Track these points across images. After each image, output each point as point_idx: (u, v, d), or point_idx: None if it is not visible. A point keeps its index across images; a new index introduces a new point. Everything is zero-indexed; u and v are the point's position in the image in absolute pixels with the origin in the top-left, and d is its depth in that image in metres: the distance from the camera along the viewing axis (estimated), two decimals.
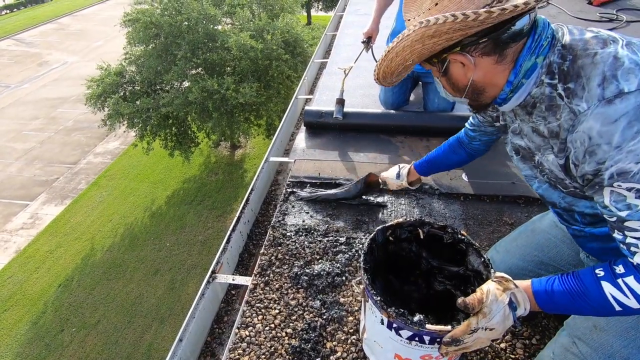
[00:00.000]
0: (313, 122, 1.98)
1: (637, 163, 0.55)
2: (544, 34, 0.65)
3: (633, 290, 0.60)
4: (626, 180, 0.57)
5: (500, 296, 0.69)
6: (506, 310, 0.68)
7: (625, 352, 0.75)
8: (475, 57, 0.68)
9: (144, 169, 11.07)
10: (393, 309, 0.76)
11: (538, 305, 0.69)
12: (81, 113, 12.76)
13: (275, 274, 1.28)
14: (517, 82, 0.69)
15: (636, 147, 0.54)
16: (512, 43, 0.66)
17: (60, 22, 21.05)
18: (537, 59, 0.65)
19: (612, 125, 0.56)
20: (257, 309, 1.17)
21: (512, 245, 1.09)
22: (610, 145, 0.56)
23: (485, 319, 0.68)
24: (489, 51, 0.67)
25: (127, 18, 8.65)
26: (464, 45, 0.67)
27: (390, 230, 0.97)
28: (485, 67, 0.69)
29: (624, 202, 0.59)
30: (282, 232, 1.44)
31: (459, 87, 0.75)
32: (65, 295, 7.71)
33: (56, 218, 9.34)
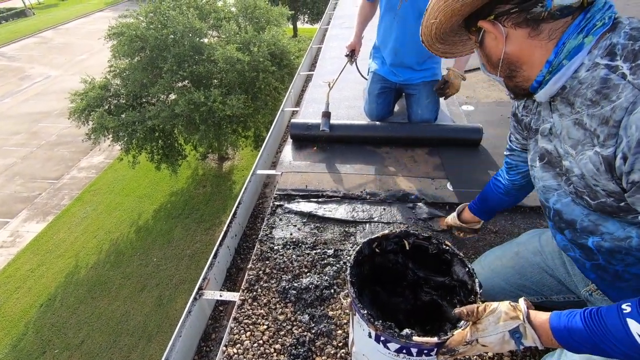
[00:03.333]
0: (299, 134, 2.00)
1: None
2: (600, 15, 0.59)
3: None
4: None
5: (503, 321, 0.66)
6: (506, 336, 0.66)
7: None
8: (507, 28, 0.65)
9: (129, 183, 10.89)
10: (380, 322, 0.77)
11: (559, 343, 0.62)
12: (64, 127, 12.54)
13: (263, 288, 1.27)
14: (557, 63, 0.63)
15: None
16: (549, 19, 0.61)
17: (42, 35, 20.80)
18: (586, 39, 0.59)
19: None
20: (245, 325, 1.16)
21: (496, 264, 1.09)
22: None
23: (478, 333, 0.68)
24: (521, 22, 0.63)
25: (111, 32, 8.61)
26: (497, 15, 0.65)
27: (376, 242, 0.98)
28: (519, 41, 0.65)
29: None
30: (270, 245, 1.44)
31: (493, 61, 0.71)
32: (48, 315, 7.44)
33: (38, 235, 9.07)
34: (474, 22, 0.70)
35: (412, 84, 2.04)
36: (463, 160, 1.86)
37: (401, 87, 2.09)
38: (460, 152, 1.92)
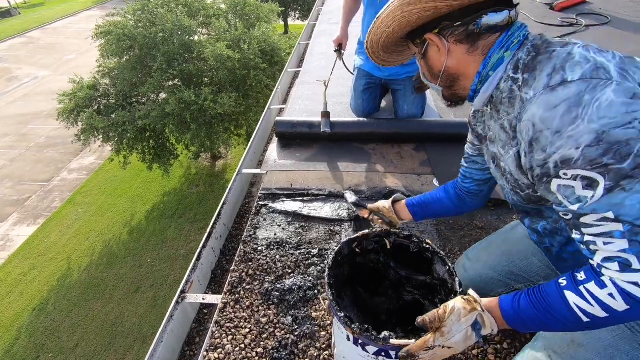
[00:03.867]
0: (285, 132, 1.97)
1: (577, 148, 0.54)
2: (517, 33, 0.68)
3: (596, 297, 0.56)
4: (570, 167, 0.56)
5: (464, 317, 0.67)
6: (469, 331, 0.66)
7: None
8: (449, 43, 0.72)
9: (121, 184, 10.78)
10: (357, 325, 0.75)
11: (508, 324, 0.66)
12: (54, 129, 12.36)
13: (246, 291, 1.24)
14: (485, 74, 0.71)
15: (575, 132, 0.54)
16: (484, 35, 0.69)
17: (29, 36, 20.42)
18: (505, 53, 0.68)
19: (553, 110, 0.57)
20: (226, 329, 1.13)
21: (483, 254, 1.09)
22: (551, 131, 0.57)
23: (443, 338, 0.67)
24: (462, 39, 0.70)
25: (99, 31, 8.47)
26: (441, 29, 0.72)
27: (356, 242, 0.95)
28: (458, 55, 0.72)
29: (574, 195, 0.57)
30: (254, 246, 1.41)
31: (434, 71, 0.78)
32: (41, 319, 7.37)
33: (29, 239, 8.95)
34: (420, 34, 0.75)
35: (398, 79, 2.02)
36: (450, 155, 1.84)
37: (387, 82, 2.07)
38: (446, 148, 1.90)
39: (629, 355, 0.70)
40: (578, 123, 0.54)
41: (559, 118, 0.56)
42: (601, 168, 0.53)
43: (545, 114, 0.57)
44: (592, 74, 0.55)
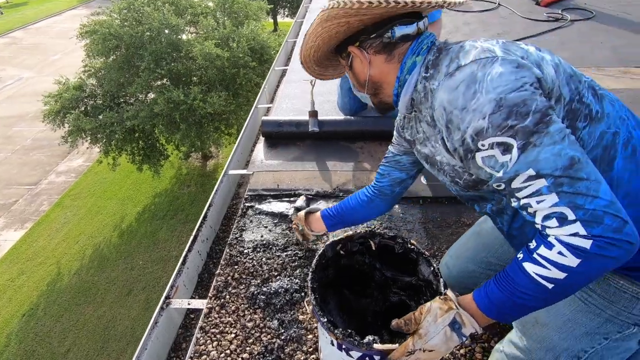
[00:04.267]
0: (272, 132, 1.94)
1: (484, 118, 0.59)
2: (425, 40, 0.76)
3: (549, 259, 0.57)
4: (483, 137, 0.60)
5: (440, 317, 0.66)
6: (447, 332, 0.65)
7: (564, 344, 0.75)
8: (370, 54, 0.79)
9: (111, 186, 10.62)
10: (340, 330, 0.73)
11: (487, 316, 0.66)
12: (40, 131, 12.10)
13: (231, 295, 1.22)
14: (403, 78, 0.77)
15: (477, 104, 0.59)
16: (399, 44, 0.76)
17: (12, 36, 19.93)
18: (417, 58, 0.75)
19: (455, 92, 0.63)
20: (211, 334, 1.11)
21: (462, 249, 1.09)
22: (458, 109, 0.62)
23: (421, 340, 0.66)
24: (379, 50, 0.77)
25: (84, 30, 8.30)
26: (361, 41, 0.78)
27: (340, 244, 0.94)
28: (379, 65, 0.79)
29: (497, 162, 0.61)
30: (240, 249, 1.39)
31: (361, 81, 0.84)
32: (31, 325, 7.24)
33: (17, 243, 8.78)
34: (344, 47, 0.82)
35: None
36: None
37: None
38: None
39: (585, 326, 0.72)
40: (478, 96, 0.59)
41: (461, 96, 0.62)
42: (509, 130, 0.58)
43: (450, 96, 0.63)
44: (480, 55, 0.63)
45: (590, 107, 0.64)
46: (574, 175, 0.55)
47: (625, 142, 0.65)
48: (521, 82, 0.59)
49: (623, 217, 0.55)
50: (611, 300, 0.71)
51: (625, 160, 0.64)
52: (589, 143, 0.64)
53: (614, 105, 0.68)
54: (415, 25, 0.76)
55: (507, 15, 3.63)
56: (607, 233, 0.53)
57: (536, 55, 0.65)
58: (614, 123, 0.65)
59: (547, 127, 0.57)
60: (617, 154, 0.64)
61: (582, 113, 0.64)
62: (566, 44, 2.92)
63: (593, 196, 0.55)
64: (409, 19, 0.75)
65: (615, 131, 0.65)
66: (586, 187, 0.55)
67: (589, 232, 0.54)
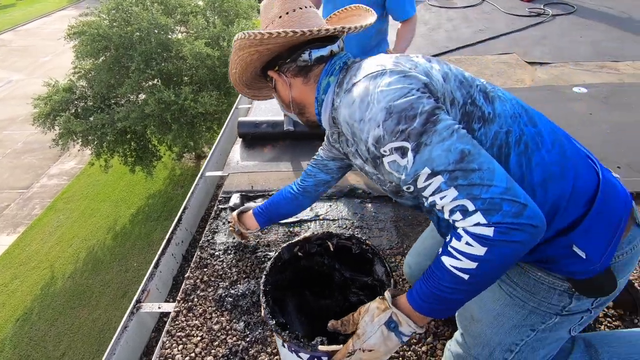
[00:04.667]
0: (248, 133, 1.94)
1: (379, 126, 0.62)
2: (338, 61, 0.79)
3: (459, 250, 0.58)
4: (382, 144, 0.63)
5: (377, 317, 0.67)
6: (384, 331, 0.66)
7: (497, 339, 0.78)
8: (288, 78, 0.82)
9: (104, 188, 10.56)
10: (287, 332, 0.74)
11: (420, 313, 0.65)
12: (31, 134, 12.00)
13: (199, 297, 1.23)
14: (320, 98, 0.80)
15: (371, 114, 0.63)
16: (314, 66, 0.79)
17: (1, 38, 19.72)
18: (330, 78, 0.78)
19: (352, 106, 0.67)
20: (177, 338, 1.11)
21: (421, 247, 1.11)
22: (357, 122, 0.66)
23: (360, 340, 0.67)
24: (296, 73, 0.81)
25: (72, 31, 8.22)
26: (279, 66, 0.81)
27: (298, 246, 0.95)
28: (298, 86, 0.82)
29: (400, 166, 0.63)
30: (211, 252, 1.39)
31: (285, 102, 0.86)
32: (25, 329, 7.21)
33: (9, 248, 8.73)
34: (266, 72, 0.86)
35: None
36: None
37: None
38: None
39: (513, 320, 0.76)
40: (371, 107, 0.63)
41: (357, 110, 0.66)
42: (402, 134, 0.61)
43: (349, 111, 0.68)
44: (371, 70, 0.68)
45: (483, 109, 0.68)
46: (466, 168, 0.57)
47: (517, 139, 0.68)
48: (408, 88, 0.63)
49: (522, 201, 0.56)
50: (532, 292, 0.74)
51: (518, 157, 0.67)
52: (485, 143, 0.67)
53: (506, 104, 0.71)
54: (328, 49, 0.79)
55: (490, 10, 3.64)
56: (507, 219, 0.55)
57: (425, 65, 0.70)
58: (505, 122, 0.68)
59: (435, 126, 0.60)
60: (511, 151, 0.67)
61: (475, 115, 0.68)
62: (547, 39, 2.94)
63: (488, 185, 0.56)
64: (322, 42, 0.79)
65: (507, 130, 0.68)
66: (480, 178, 0.56)
67: (489, 220, 0.55)
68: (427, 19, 3.54)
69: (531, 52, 2.73)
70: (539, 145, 0.68)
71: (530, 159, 0.67)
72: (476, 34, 3.11)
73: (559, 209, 0.68)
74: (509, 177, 0.58)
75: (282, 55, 0.80)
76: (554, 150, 0.69)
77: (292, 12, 0.80)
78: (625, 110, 2.03)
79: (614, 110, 2.03)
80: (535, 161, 0.67)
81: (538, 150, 0.68)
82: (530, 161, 0.67)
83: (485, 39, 2.97)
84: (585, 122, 1.96)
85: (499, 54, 2.75)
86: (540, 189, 0.67)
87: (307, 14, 0.80)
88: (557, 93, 2.22)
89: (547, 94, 2.22)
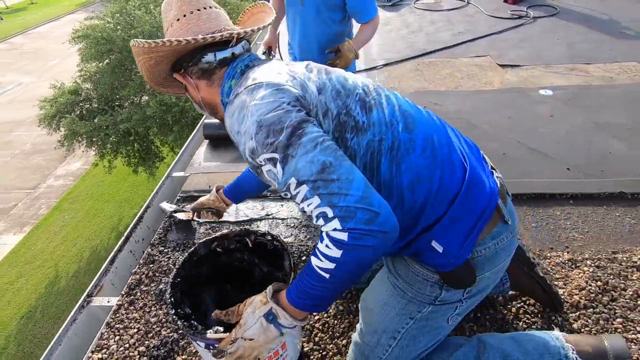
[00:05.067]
0: (213, 134, 2.00)
1: (252, 139, 0.67)
2: (240, 64, 0.81)
3: (321, 251, 0.63)
4: (257, 155, 0.67)
5: (258, 308, 0.71)
6: (263, 323, 0.69)
7: (382, 326, 0.83)
8: (194, 80, 0.84)
9: (108, 189, 10.77)
10: (182, 321, 0.79)
11: (296, 307, 0.69)
12: (38, 135, 12.30)
13: (142, 292, 1.29)
14: (224, 101, 0.82)
15: (246, 127, 0.68)
16: (217, 69, 0.82)
17: (12, 41, 20.27)
18: (232, 82, 0.80)
19: (232, 117, 0.72)
20: (115, 330, 1.18)
21: None
22: (236, 133, 0.71)
23: (241, 330, 0.70)
24: (200, 76, 0.83)
25: (76, 35, 8.44)
26: (184, 68, 0.83)
27: (215, 242, 1.00)
28: (205, 89, 0.84)
29: (274, 175, 0.66)
30: (160, 249, 1.45)
31: (197, 102, 0.89)
32: (29, 327, 7.39)
33: (15, 247, 8.96)
34: (171, 73, 0.87)
35: None
36: None
37: None
38: None
39: (396, 308, 0.82)
40: (245, 120, 0.68)
41: (235, 121, 0.71)
42: (271, 147, 0.65)
43: (230, 121, 0.73)
44: (250, 83, 0.72)
45: (357, 119, 0.72)
46: (326, 178, 0.62)
47: (390, 146, 0.72)
48: (279, 102, 0.67)
49: (375, 209, 0.60)
50: (410, 283, 0.79)
51: (390, 163, 0.72)
52: (358, 152, 0.71)
53: (385, 112, 0.75)
54: (229, 51, 0.81)
55: (473, 13, 3.65)
56: (359, 225, 0.59)
57: (303, 77, 0.74)
58: (380, 130, 0.72)
59: (300, 139, 0.64)
60: (382, 157, 0.72)
61: (349, 125, 0.72)
62: (524, 41, 2.95)
63: (345, 194, 0.60)
64: (222, 46, 0.80)
65: (380, 138, 0.72)
66: (338, 187, 0.61)
67: (344, 226, 0.60)
68: (409, 22, 3.57)
69: (506, 55, 2.74)
70: (410, 151, 0.73)
71: (399, 164, 0.72)
72: (455, 36, 3.13)
73: (425, 208, 0.73)
74: (367, 187, 0.62)
75: (185, 58, 0.81)
76: (425, 154, 0.73)
77: (189, 14, 0.80)
78: (585, 112, 2.04)
79: (574, 113, 2.04)
80: (404, 166, 0.72)
81: (408, 155, 0.73)
82: (399, 166, 0.72)
83: (463, 42, 3.00)
84: (545, 124, 1.98)
85: (474, 56, 2.77)
86: (409, 191, 0.72)
87: (205, 16, 0.81)
88: (523, 95, 2.23)
89: (514, 96, 2.24)
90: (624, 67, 2.41)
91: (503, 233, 0.77)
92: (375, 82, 0.87)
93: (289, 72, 0.75)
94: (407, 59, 2.82)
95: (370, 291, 0.91)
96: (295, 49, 2.02)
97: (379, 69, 2.73)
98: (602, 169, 1.64)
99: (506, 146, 1.84)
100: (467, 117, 2.08)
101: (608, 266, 1.25)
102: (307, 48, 1.93)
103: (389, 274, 0.85)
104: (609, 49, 2.67)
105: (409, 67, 2.72)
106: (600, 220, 1.44)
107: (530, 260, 1.07)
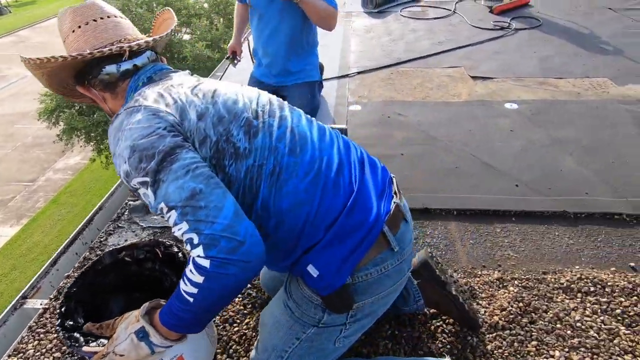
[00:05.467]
0: None
1: (125, 162, 0.68)
2: (142, 77, 0.81)
3: (187, 276, 0.63)
4: (131, 178, 0.68)
5: (131, 324, 0.71)
6: (134, 339, 0.69)
7: (272, 344, 0.84)
8: (99, 92, 0.83)
9: (106, 184, 10.83)
10: (63, 332, 0.80)
11: (169, 328, 0.68)
12: (40, 128, 12.42)
13: None
14: None
15: (120, 150, 0.69)
16: (119, 81, 0.81)
17: (19, 34, 20.50)
18: (135, 94, 0.79)
19: (110, 138, 0.74)
20: (36, 334, 1.19)
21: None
22: (113, 155, 0.73)
23: (113, 344, 0.71)
24: (102, 88, 0.82)
25: None
26: (87, 80, 0.82)
27: (124, 251, 1.01)
28: (110, 100, 0.84)
29: (148, 198, 0.67)
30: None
31: (107, 112, 0.88)
32: None
33: (11, 239, 9.05)
34: (73, 85, 0.86)
35: (286, 86, 2.05)
36: None
37: (277, 89, 2.10)
38: None
39: (284, 327, 0.82)
40: (120, 143, 0.69)
41: (112, 143, 0.72)
42: (143, 171, 0.66)
43: (109, 142, 0.75)
44: (130, 104, 0.73)
45: (237, 146, 0.73)
46: (195, 205, 0.62)
47: (271, 171, 0.73)
48: (153, 127, 0.68)
49: (239, 238, 0.61)
50: (298, 303, 0.80)
51: (269, 187, 0.72)
52: (236, 177, 0.72)
53: (272, 136, 0.75)
54: (131, 63, 0.81)
55: (457, 22, 3.64)
56: (221, 254, 0.60)
57: (185, 101, 0.74)
58: (261, 156, 0.73)
59: (171, 165, 0.65)
60: (262, 182, 0.72)
61: (228, 152, 0.72)
62: (500, 53, 2.93)
63: (211, 222, 0.61)
64: (122, 59, 0.79)
65: (260, 163, 0.73)
66: (205, 215, 0.62)
67: (207, 253, 0.60)
68: (392, 30, 3.56)
69: (479, 66, 2.73)
70: (292, 175, 0.73)
71: (281, 188, 0.73)
72: (434, 45, 3.12)
73: (304, 230, 0.73)
74: (236, 215, 0.63)
75: (85, 70, 0.80)
76: (307, 178, 0.74)
77: (84, 25, 0.79)
78: (545, 127, 2.02)
79: (535, 127, 2.02)
80: (285, 189, 0.73)
81: (291, 179, 0.73)
82: (280, 190, 0.73)
83: (440, 52, 2.98)
84: (503, 138, 1.96)
85: (447, 67, 2.76)
86: (289, 213, 0.73)
87: (102, 27, 0.80)
88: (489, 108, 2.22)
89: (479, 109, 2.23)
90: (593, 83, 2.38)
91: (388, 260, 0.77)
92: (278, 101, 0.87)
93: (172, 95, 0.75)
94: (382, 67, 2.82)
95: (268, 307, 0.92)
96: (261, 55, 2.03)
97: (351, 77, 2.73)
98: (549, 186, 1.63)
99: (460, 160, 1.83)
100: (427, 129, 2.07)
101: (535, 287, 1.24)
102: (272, 53, 1.95)
103: (284, 291, 0.86)
104: (582, 64, 2.65)
105: (382, 75, 2.71)
106: (538, 239, 1.43)
107: (440, 279, 1.06)
